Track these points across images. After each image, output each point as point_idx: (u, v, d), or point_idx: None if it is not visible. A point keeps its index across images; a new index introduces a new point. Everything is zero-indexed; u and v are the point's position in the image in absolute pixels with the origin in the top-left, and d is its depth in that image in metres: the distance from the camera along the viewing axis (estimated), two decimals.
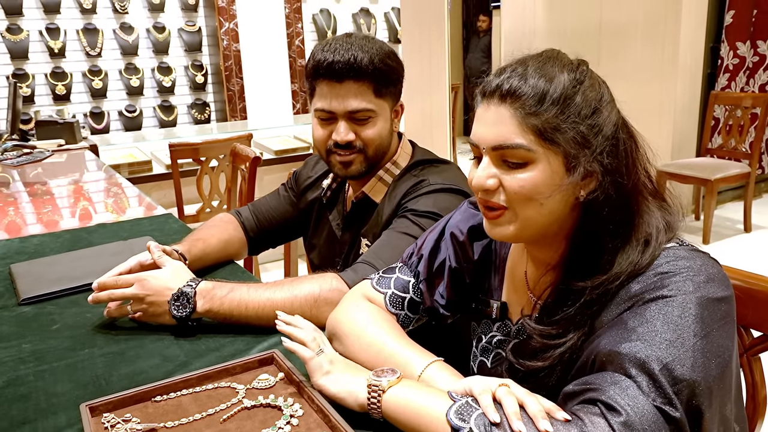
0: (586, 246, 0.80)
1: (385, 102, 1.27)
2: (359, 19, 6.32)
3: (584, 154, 0.76)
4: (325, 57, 1.21)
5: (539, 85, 0.76)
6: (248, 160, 2.71)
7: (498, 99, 0.78)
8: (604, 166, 0.76)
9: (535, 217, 0.79)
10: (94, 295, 1.12)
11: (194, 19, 5.74)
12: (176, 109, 5.75)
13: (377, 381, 0.77)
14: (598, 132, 0.76)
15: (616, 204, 0.77)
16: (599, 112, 0.77)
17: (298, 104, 5.91)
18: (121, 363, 1.01)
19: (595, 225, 0.79)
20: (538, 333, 0.80)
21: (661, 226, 0.78)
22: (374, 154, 1.28)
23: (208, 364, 0.98)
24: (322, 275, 1.12)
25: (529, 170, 0.77)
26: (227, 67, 5.56)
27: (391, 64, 1.26)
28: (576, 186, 0.77)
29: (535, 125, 0.75)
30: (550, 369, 0.80)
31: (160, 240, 1.64)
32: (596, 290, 0.76)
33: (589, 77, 0.79)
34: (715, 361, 0.68)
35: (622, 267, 0.76)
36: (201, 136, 4.19)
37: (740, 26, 4.55)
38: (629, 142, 0.79)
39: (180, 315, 1.07)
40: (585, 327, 0.77)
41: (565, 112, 0.76)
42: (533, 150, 0.76)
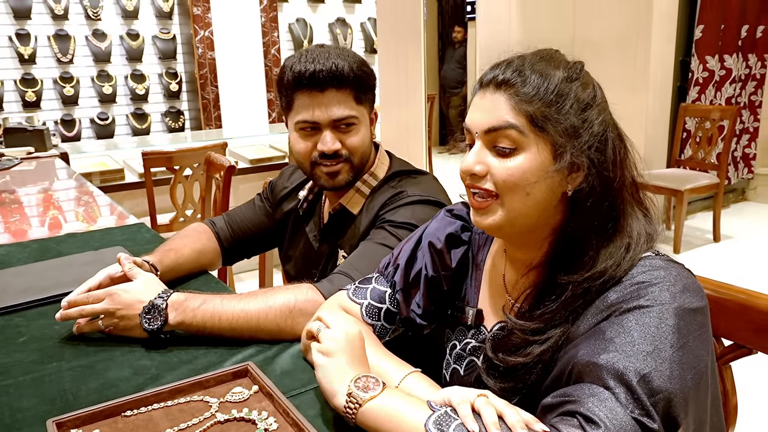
0: (570, 242, 0.81)
1: (364, 108, 1.28)
2: (335, 29, 6.33)
3: (572, 144, 0.78)
4: (306, 67, 1.20)
5: (534, 77, 0.79)
6: (223, 169, 2.68)
7: (494, 87, 0.81)
8: (591, 160, 0.78)
9: (521, 207, 0.80)
10: (63, 311, 1.09)
11: (169, 26, 5.69)
12: (150, 117, 5.68)
13: (358, 394, 0.76)
14: (588, 127, 0.78)
15: (602, 199, 0.79)
16: (590, 108, 0.79)
17: (274, 113, 5.89)
18: (90, 376, 0.98)
19: (580, 220, 0.80)
20: (520, 328, 0.81)
21: (642, 232, 0.80)
22: (359, 161, 1.28)
23: (180, 377, 0.96)
24: (297, 286, 1.11)
25: (517, 156, 0.79)
26: (202, 75, 5.52)
27: (367, 70, 1.27)
28: (563, 179, 0.79)
29: (527, 111, 0.78)
30: (529, 368, 0.80)
31: (132, 250, 1.61)
32: (579, 286, 0.77)
33: (583, 76, 0.81)
34: (692, 372, 0.69)
35: (606, 265, 0.77)
36: (175, 145, 4.15)
37: (709, 40, 4.66)
38: (618, 144, 0.81)
39: (151, 328, 1.05)
40: (567, 324, 0.77)
41: (557, 104, 0.78)
42: (524, 133, 0.78)
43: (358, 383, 0.77)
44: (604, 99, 0.82)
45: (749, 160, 5.23)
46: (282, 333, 1.06)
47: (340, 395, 0.77)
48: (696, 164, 4.40)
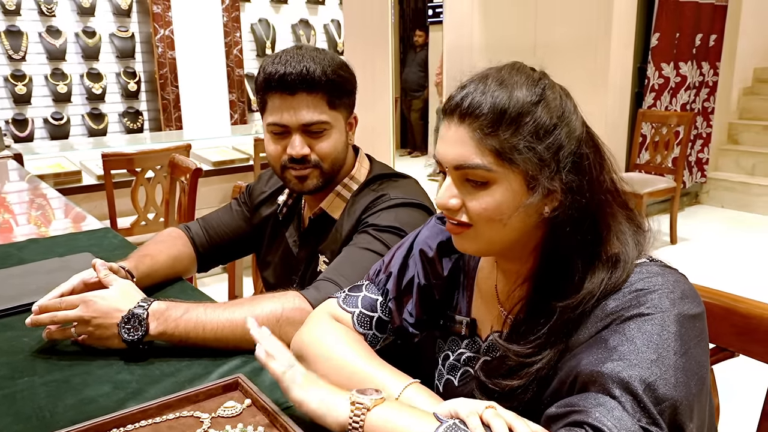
0: (554, 262, 0.80)
1: (339, 114, 1.24)
2: (299, 30, 6.27)
3: (544, 173, 0.76)
4: (276, 69, 1.18)
5: (497, 103, 0.76)
6: (188, 171, 2.61)
7: (457, 118, 0.78)
8: (565, 184, 0.76)
9: (497, 235, 0.79)
10: (34, 317, 1.04)
11: (127, 24, 5.53)
12: (107, 118, 5.51)
13: (362, 399, 0.74)
14: (559, 149, 0.76)
15: (581, 221, 0.77)
16: (559, 127, 0.76)
17: (236, 114, 5.79)
18: (67, 392, 0.93)
19: (561, 241, 0.79)
20: (513, 353, 0.79)
21: (630, 241, 0.78)
22: (330, 168, 1.25)
23: (164, 390, 0.92)
24: (283, 294, 1.08)
25: (490, 191, 0.77)
26: (162, 75, 5.39)
27: (344, 74, 1.23)
28: (539, 203, 0.77)
29: (492, 146, 0.75)
30: (524, 386, 0.79)
31: (100, 256, 1.54)
32: (571, 312, 0.76)
33: (550, 90, 0.78)
34: (695, 378, 0.69)
35: (594, 285, 0.76)
36: (134, 146, 4.04)
37: (665, 48, 4.79)
38: (593, 156, 0.78)
39: (131, 338, 1.00)
40: (561, 344, 0.77)
41: (522, 131, 0.75)
42: (492, 170, 0.76)
43: (360, 393, 0.75)
44: (575, 109, 0.79)
45: (702, 164, 5.41)
46: None
47: (341, 408, 0.74)
48: (653, 168, 4.52)
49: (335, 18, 6.54)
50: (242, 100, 5.84)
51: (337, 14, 6.56)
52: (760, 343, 1.01)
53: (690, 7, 4.83)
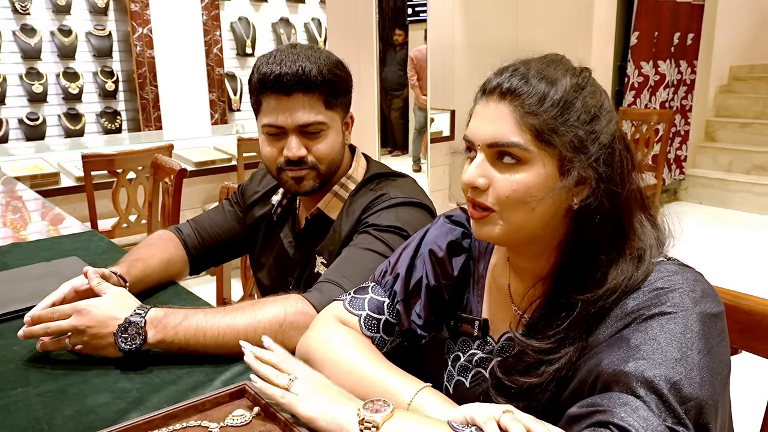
0: (578, 257, 0.79)
1: (335, 114, 1.22)
2: (279, 29, 6.22)
3: (579, 158, 0.75)
4: (272, 69, 1.15)
5: (540, 86, 0.76)
6: (173, 172, 2.56)
7: (498, 96, 0.77)
8: (599, 174, 0.76)
9: (524, 221, 0.78)
10: (26, 329, 1.00)
11: (104, 23, 5.43)
12: (84, 118, 5.40)
13: (370, 417, 0.71)
14: (596, 139, 0.76)
15: (609, 214, 0.77)
16: (598, 119, 0.77)
17: (216, 114, 5.72)
18: (64, 402, 0.90)
19: (587, 234, 0.78)
20: (532, 349, 0.78)
21: (653, 241, 0.78)
22: (327, 169, 1.23)
23: (166, 399, 0.89)
24: (285, 297, 1.05)
25: (522, 171, 0.76)
26: (140, 74, 5.30)
27: (340, 73, 1.21)
28: (569, 192, 0.77)
29: (533, 125, 0.75)
30: (543, 386, 0.78)
31: (87, 260, 1.50)
32: (592, 305, 0.75)
33: (590, 84, 0.79)
34: (719, 377, 0.68)
35: (617, 281, 0.75)
36: (113, 147, 3.96)
37: (644, 47, 4.84)
38: (625, 154, 0.79)
39: (129, 348, 0.97)
40: (581, 341, 0.76)
41: (564, 115, 0.75)
42: (529, 150, 0.75)
43: (367, 408, 0.73)
44: (611, 107, 0.80)
45: (681, 161, 5.48)
46: None
47: (351, 425, 0.72)
48: None
49: (316, 17, 6.50)
50: (222, 99, 5.77)
51: (318, 13, 6.52)
52: (763, 339, 1.01)
53: (668, 6, 4.89)
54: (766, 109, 5.72)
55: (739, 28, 6.00)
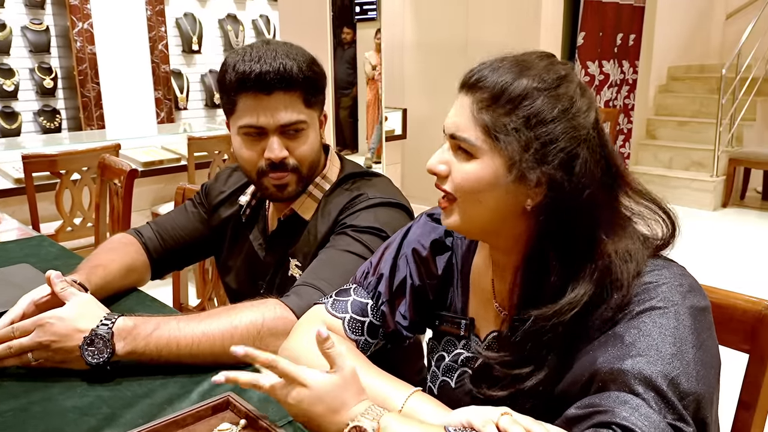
0: (535, 259, 0.78)
1: (314, 112, 1.19)
2: (226, 26, 6.08)
3: (526, 160, 0.74)
4: (251, 68, 1.09)
5: (502, 80, 0.76)
6: (122, 173, 2.46)
7: (465, 89, 0.79)
8: (552, 178, 0.74)
9: (477, 213, 0.79)
10: None
11: (41, 17, 5.17)
12: (20, 117, 5.13)
13: (363, 424, 0.69)
14: (550, 142, 0.74)
15: (568, 221, 0.75)
16: (557, 121, 0.74)
17: (163, 113, 5.55)
18: (27, 422, 0.83)
19: (542, 239, 0.77)
20: (499, 363, 0.79)
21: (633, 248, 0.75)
22: (308, 171, 1.20)
23: (141, 414, 0.84)
24: (263, 302, 1.01)
25: (474, 163, 0.77)
26: (81, 71, 5.08)
27: (317, 70, 1.18)
28: (521, 192, 0.76)
29: (483, 120, 0.76)
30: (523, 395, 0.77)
31: (38, 267, 1.42)
32: (545, 321, 0.74)
33: (564, 85, 0.76)
34: (712, 371, 0.69)
35: (575, 297, 0.73)
36: (53, 147, 3.78)
37: (590, 47, 4.97)
38: (592, 161, 0.75)
39: (96, 362, 0.91)
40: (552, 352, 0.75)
41: (518, 113, 0.74)
42: (477, 145, 0.77)
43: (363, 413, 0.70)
44: (586, 111, 0.76)
45: (624, 159, 5.66)
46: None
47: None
48: None
49: (264, 13, 6.38)
50: (169, 97, 5.59)
51: (266, 10, 6.40)
52: (734, 332, 1.04)
53: (612, 7, 5.03)
54: (702, 108, 5.97)
55: (676, 30, 6.25)
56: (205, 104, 6.10)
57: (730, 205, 5.34)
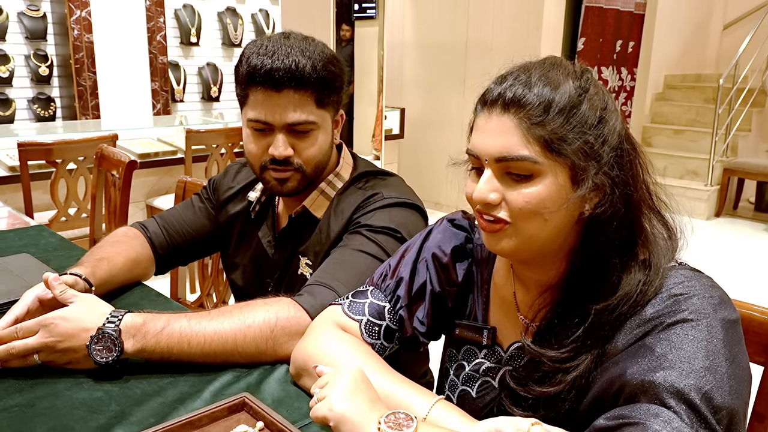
0: (590, 263, 0.77)
1: (326, 112, 1.15)
2: (225, 19, 6.03)
3: (592, 165, 0.73)
4: (263, 62, 1.07)
5: (544, 93, 0.73)
6: (121, 165, 2.42)
7: (501, 108, 0.75)
8: (611, 178, 0.74)
9: (538, 233, 0.75)
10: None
11: (38, 3, 5.10)
12: (14, 104, 5.06)
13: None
14: (605, 142, 0.74)
15: (623, 218, 0.75)
16: (605, 121, 0.75)
17: (159, 104, 5.49)
18: (34, 419, 0.81)
19: (600, 240, 0.76)
20: (548, 358, 0.76)
21: (663, 246, 0.77)
22: (313, 172, 1.17)
23: (152, 413, 0.82)
24: (276, 301, 0.99)
25: (534, 184, 0.74)
26: (78, 59, 5.01)
27: (334, 70, 1.13)
28: (582, 200, 0.75)
29: (540, 136, 0.73)
30: (560, 395, 0.75)
31: (38, 257, 1.39)
32: (607, 313, 0.74)
33: (593, 85, 0.76)
34: (744, 384, 0.68)
35: (631, 287, 0.74)
36: (47, 135, 3.73)
37: (589, 52, 4.98)
38: (633, 154, 0.77)
39: (105, 361, 0.88)
40: (597, 349, 0.74)
41: (571, 121, 0.73)
42: (539, 162, 0.73)
43: (389, 422, 0.68)
44: (615, 106, 0.78)
45: None
46: (262, 356, 0.94)
47: None
48: None
49: (263, 8, 6.34)
50: (165, 89, 5.54)
51: (265, 4, 6.36)
52: (749, 344, 1.02)
53: (612, 14, 5.04)
54: (698, 117, 6.00)
55: (674, 38, 6.27)
56: (202, 97, 6.04)
57: (723, 214, 5.36)
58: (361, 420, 0.69)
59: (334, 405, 0.70)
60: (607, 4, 4.98)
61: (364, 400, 0.71)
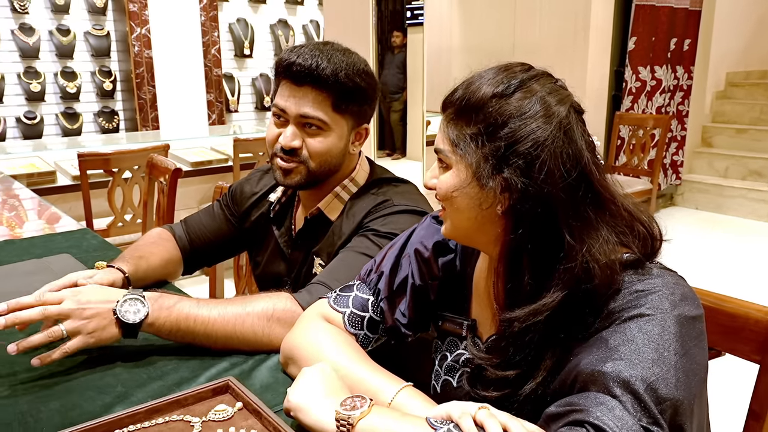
0: (508, 261, 0.80)
1: (343, 119, 1.21)
2: (277, 31, 6.23)
3: (484, 167, 0.77)
4: (289, 57, 1.17)
5: (464, 94, 0.80)
6: (168, 172, 2.57)
7: (442, 107, 0.84)
8: (511, 184, 0.75)
9: (458, 219, 0.83)
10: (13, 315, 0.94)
11: (102, 22, 5.44)
12: (81, 117, 5.41)
13: (346, 414, 0.72)
14: (506, 148, 0.75)
15: (533, 226, 0.75)
16: (512, 125, 0.75)
17: (214, 115, 5.73)
18: (49, 397, 0.90)
19: (512, 242, 0.78)
20: (490, 364, 0.80)
21: (607, 253, 0.74)
22: (317, 168, 1.22)
23: (151, 394, 0.89)
24: (276, 294, 1.06)
25: (447, 173, 0.82)
26: (138, 74, 5.31)
27: (359, 82, 1.19)
28: (489, 198, 0.78)
29: (449, 134, 0.81)
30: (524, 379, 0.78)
31: (79, 257, 1.51)
32: (519, 324, 0.76)
33: (522, 89, 0.76)
34: (695, 378, 0.69)
35: (549, 300, 0.74)
36: (110, 146, 3.97)
37: (641, 52, 4.86)
38: (553, 165, 0.73)
39: (133, 320, 0.96)
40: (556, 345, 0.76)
41: (473, 123, 0.78)
42: (449, 157, 0.81)
43: (345, 405, 0.74)
44: (545, 117, 0.75)
45: (677, 167, 5.50)
46: (258, 341, 1.01)
47: (329, 424, 0.73)
48: (630, 170, 4.58)
49: (314, 18, 6.52)
50: (220, 100, 5.78)
51: (316, 15, 6.53)
52: (746, 342, 1.02)
53: (665, 11, 4.90)
54: (762, 115, 5.74)
55: (735, 34, 6.02)
56: (255, 107, 6.26)
57: None
58: (317, 407, 0.75)
59: (290, 396, 0.78)
60: (659, 2, 4.84)
61: (322, 391, 0.77)
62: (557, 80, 0.82)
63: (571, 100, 0.80)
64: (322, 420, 0.74)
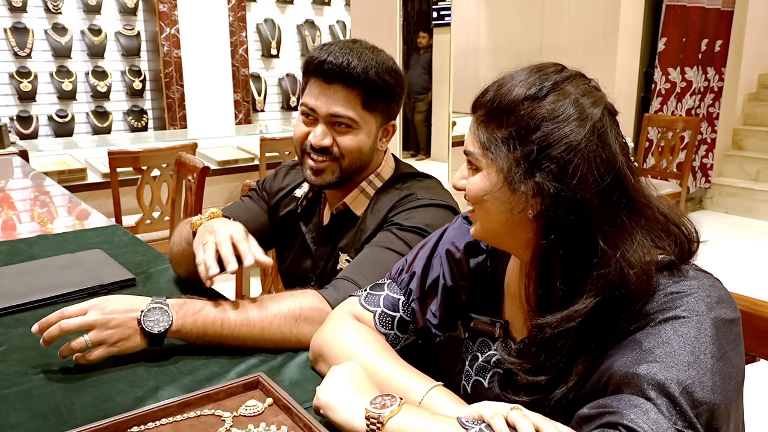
0: (543, 268, 0.79)
1: (372, 117, 1.22)
2: (304, 31, 6.27)
3: (516, 171, 0.76)
4: (319, 55, 1.18)
5: (495, 96, 0.79)
6: (196, 170, 2.60)
7: (472, 108, 0.84)
8: (543, 189, 0.74)
9: (488, 222, 0.82)
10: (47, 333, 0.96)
11: (133, 22, 5.53)
12: (111, 116, 5.50)
13: (376, 412, 0.72)
14: (539, 152, 0.74)
15: (566, 231, 0.74)
16: (545, 129, 0.74)
17: (241, 114, 5.78)
18: (83, 389, 0.92)
19: (544, 247, 0.77)
20: (518, 368, 0.80)
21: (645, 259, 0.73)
22: (349, 165, 1.23)
23: (182, 389, 0.91)
24: (302, 292, 1.06)
25: (477, 176, 0.81)
26: (167, 73, 5.38)
27: (388, 80, 1.20)
28: (520, 202, 0.77)
29: (479, 136, 0.80)
30: (556, 383, 0.77)
31: (110, 253, 1.53)
32: (551, 330, 0.75)
33: (556, 92, 0.75)
34: (732, 382, 0.68)
35: (580, 309, 0.73)
36: (139, 144, 4.03)
37: (671, 53, 4.78)
38: (586, 169, 0.72)
39: (158, 330, 0.96)
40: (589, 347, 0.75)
41: (506, 124, 0.76)
42: (479, 160, 0.80)
43: (375, 403, 0.74)
44: (579, 120, 0.74)
45: (707, 170, 5.40)
46: (286, 342, 1.02)
47: (358, 422, 0.73)
48: (659, 173, 4.51)
49: (341, 19, 6.54)
50: (247, 99, 5.83)
51: (343, 15, 6.55)
52: None
53: (696, 12, 4.82)
54: None
55: None
56: (282, 107, 6.30)
57: None
58: (346, 405, 0.75)
59: (320, 394, 0.79)
60: (690, 2, 4.77)
61: (352, 389, 0.77)
62: (590, 80, 0.81)
63: (605, 101, 0.79)
64: (352, 418, 0.74)
